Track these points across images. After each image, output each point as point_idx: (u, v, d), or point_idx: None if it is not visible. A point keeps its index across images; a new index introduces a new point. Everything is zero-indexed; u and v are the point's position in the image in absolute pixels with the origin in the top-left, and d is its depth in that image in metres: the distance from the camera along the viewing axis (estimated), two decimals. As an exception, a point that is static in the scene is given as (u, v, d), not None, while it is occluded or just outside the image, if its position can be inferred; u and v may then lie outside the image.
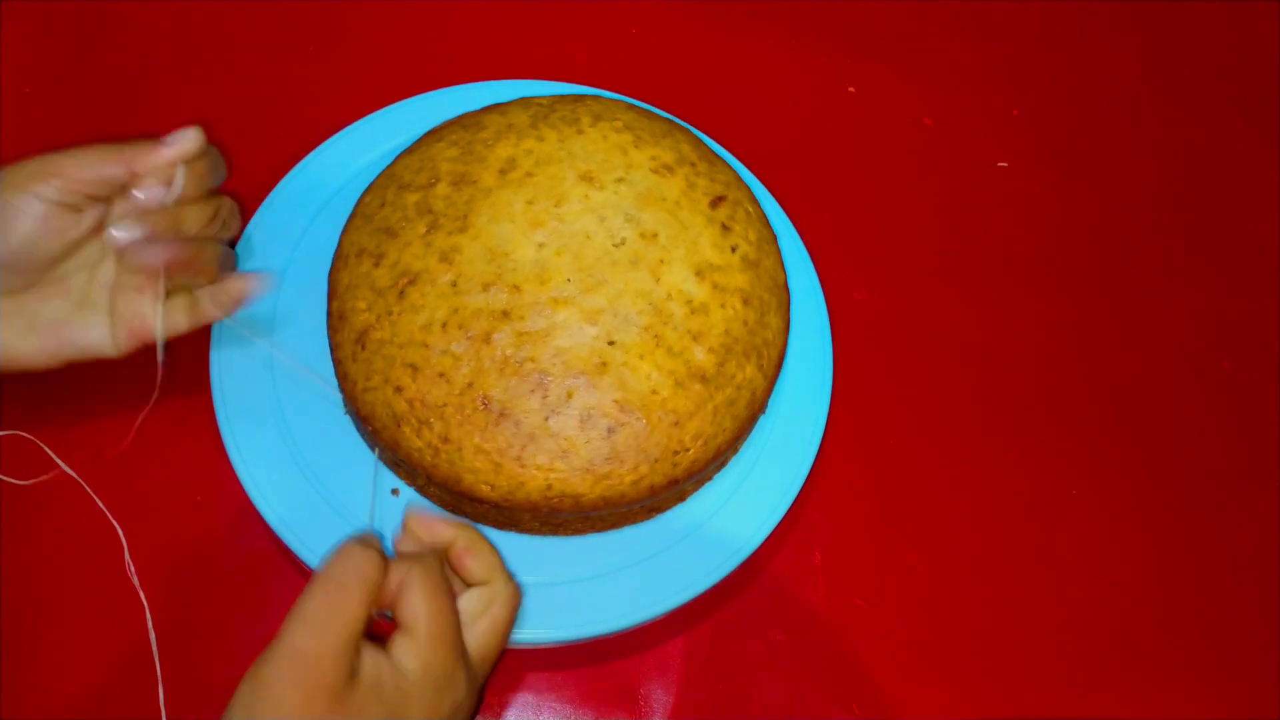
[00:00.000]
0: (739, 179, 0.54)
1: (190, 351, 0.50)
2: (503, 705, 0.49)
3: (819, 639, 0.52)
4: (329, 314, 0.49)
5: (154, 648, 0.47)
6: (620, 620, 0.48)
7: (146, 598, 0.48)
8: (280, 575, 0.50)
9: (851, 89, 0.69)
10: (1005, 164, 0.68)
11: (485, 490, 0.46)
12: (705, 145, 0.55)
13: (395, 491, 0.50)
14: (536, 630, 0.47)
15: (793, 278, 0.56)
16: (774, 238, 0.53)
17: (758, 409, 0.50)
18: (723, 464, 0.51)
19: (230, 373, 0.50)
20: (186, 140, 0.44)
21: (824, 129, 0.68)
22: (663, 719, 0.49)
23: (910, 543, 0.55)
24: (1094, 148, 0.70)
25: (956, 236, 0.65)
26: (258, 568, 0.50)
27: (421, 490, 0.50)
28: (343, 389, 0.48)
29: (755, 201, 0.54)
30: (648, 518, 0.50)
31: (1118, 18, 0.75)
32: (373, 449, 0.49)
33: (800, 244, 0.58)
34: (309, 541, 0.47)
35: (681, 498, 0.51)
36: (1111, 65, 0.74)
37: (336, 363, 0.48)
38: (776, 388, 0.52)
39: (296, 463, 0.49)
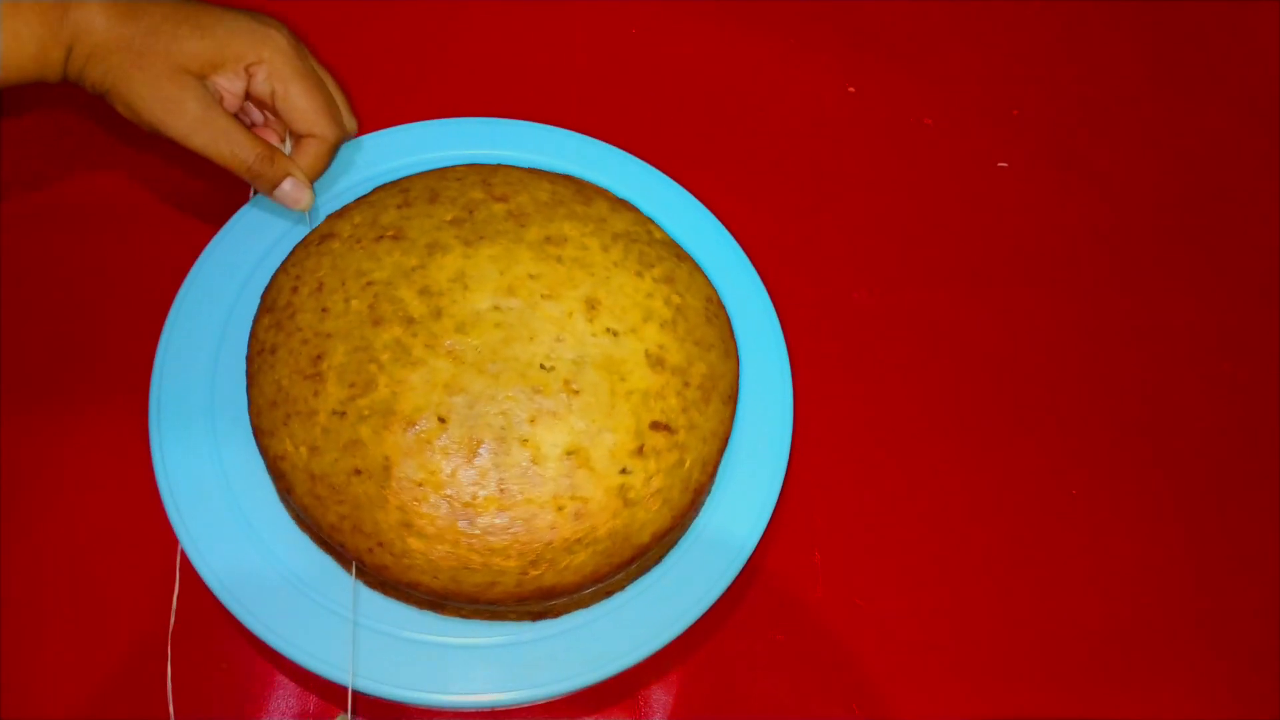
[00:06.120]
0: (723, 433, 0.48)
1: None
2: (502, 703, 0.49)
3: (819, 639, 0.52)
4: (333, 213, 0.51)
5: (169, 641, 0.48)
6: (621, 661, 0.46)
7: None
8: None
9: (851, 89, 0.69)
10: (1005, 164, 0.68)
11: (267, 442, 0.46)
12: (729, 378, 0.49)
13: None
14: (552, 685, 0.45)
15: (731, 278, 0.55)
16: (686, 508, 0.46)
17: (495, 600, 0.44)
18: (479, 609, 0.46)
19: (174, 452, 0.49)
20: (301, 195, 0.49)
21: (824, 129, 0.68)
22: (663, 719, 0.49)
23: (910, 543, 0.55)
24: (1094, 148, 0.69)
25: (956, 237, 0.65)
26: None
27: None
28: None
29: (705, 466, 0.47)
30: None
31: (1118, 18, 0.75)
32: (349, 570, 0.46)
33: (737, 246, 0.56)
34: (254, 609, 0.45)
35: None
36: (1112, 65, 0.73)
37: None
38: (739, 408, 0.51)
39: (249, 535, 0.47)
